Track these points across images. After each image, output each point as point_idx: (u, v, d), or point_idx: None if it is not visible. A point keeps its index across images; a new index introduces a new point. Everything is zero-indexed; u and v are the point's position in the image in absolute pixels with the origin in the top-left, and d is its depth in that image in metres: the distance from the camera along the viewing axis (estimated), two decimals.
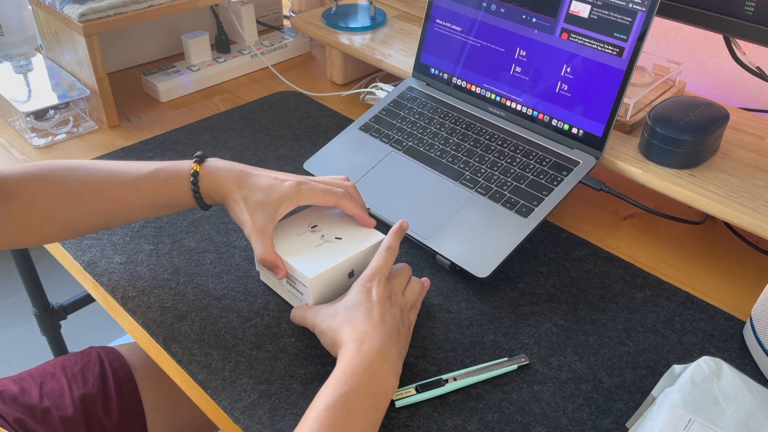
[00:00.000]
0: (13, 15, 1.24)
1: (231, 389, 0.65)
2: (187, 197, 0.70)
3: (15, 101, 0.99)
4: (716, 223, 0.87)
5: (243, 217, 0.68)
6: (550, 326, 0.72)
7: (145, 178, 0.70)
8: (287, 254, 0.69)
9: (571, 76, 0.82)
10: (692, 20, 0.83)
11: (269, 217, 0.68)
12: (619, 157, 0.83)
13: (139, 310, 0.73)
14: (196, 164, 0.70)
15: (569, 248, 0.82)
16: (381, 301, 0.64)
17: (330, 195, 0.70)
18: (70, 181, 0.69)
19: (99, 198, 0.70)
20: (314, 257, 0.68)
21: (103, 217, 0.71)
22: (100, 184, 0.70)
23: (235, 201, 0.68)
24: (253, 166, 0.72)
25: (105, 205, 0.70)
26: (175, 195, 0.70)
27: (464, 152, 0.87)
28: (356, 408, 0.56)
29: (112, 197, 0.70)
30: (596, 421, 0.62)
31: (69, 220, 0.70)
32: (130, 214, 0.72)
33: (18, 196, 0.68)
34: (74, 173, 0.70)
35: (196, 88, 1.15)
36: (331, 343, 0.63)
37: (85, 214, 0.70)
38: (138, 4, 1.00)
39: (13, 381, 0.86)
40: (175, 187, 0.70)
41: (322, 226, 0.73)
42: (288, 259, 0.68)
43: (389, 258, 0.68)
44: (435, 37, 0.95)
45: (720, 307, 0.75)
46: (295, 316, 0.68)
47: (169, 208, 0.72)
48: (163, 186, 0.70)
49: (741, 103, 1.03)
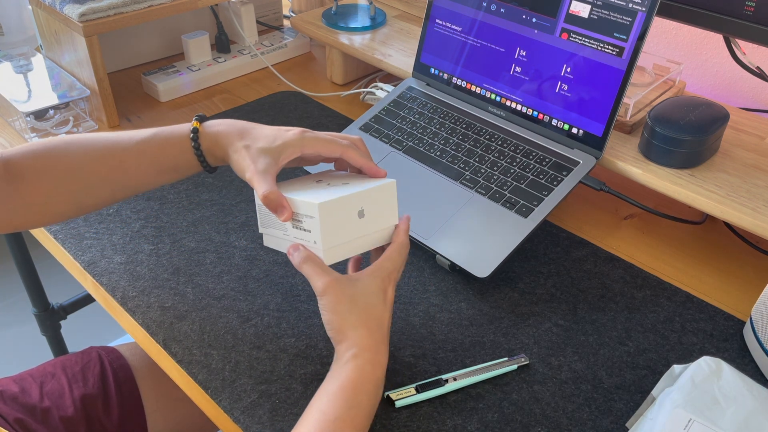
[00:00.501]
0: (13, 15, 1.24)
1: (231, 389, 0.65)
2: (190, 157, 0.68)
3: (15, 101, 0.99)
4: (716, 223, 0.87)
5: (244, 163, 0.64)
6: (550, 326, 0.72)
7: (145, 142, 0.68)
8: (292, 194, 0.64)
9: (571, 76, 0.82)
10: (692, 20, 0.83)
11: (272, 162, 0.64)
12: (619, 157, 0.83)
13: (139, 310, 0.73)
14: (196, 122, 0.68)
15: (569, 248, 0.82)
16: (391, 305, 0.63)
17: (335, 145, 0.66)
18: (72, 154, 0.68)
19: (101, 167, 0.68)
20: (321, 192, 0.64)
21: (108, 188, 0.70)
22: (102, 153, 0.68)
23: (236, 150, 0.65)
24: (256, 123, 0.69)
25: (108, 175, 0.68)
26: (177, 156, 0.68)
27: (464, 152, 0.87)
28: (361, 424, 0.57)
29: (115, 165, 0.68)
30: (596, 421, 0.62)
31: (74, 193, 0.69)
32: (135, 182, 0.70)
33: (23, 175, 0.67)
34: (75, 146, 0.69)
35: (196, 88, 1.15)
36: (338, 331, 0.60)
37: (89, 186, 0.69)
38: (138, 4, 0.99)
39: (13, 381, 0.86)
40: (177, 148, 0.68)
41: (328, 179, 0.69)
42: (293, 196, 0.63)
43: (406, 254, 0.66)
44: (435, 37, 0.95)
45: (720, 307, 0.75)
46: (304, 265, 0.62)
47: (173, 172, 0.70)
48: (165, 147, 0.68)
49: (741, 103, 1.03)
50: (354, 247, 0.65)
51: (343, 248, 0.64)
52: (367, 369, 0.58)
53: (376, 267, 0.63)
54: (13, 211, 0.68)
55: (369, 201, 0.64)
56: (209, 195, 0.89)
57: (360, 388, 0.57)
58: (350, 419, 0.56)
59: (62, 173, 0.68)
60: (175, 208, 0.87)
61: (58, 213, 0.71)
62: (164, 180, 0.71)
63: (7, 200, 0.67)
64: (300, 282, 0.76)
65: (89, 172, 0.68)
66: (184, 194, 0.89)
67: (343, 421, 0.55)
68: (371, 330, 0.60)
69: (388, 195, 0.66)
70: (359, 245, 0.65)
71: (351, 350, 0.59)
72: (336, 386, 0.57)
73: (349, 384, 0.57)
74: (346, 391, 0.57)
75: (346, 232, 0.63)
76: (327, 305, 0.60)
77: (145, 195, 0.89)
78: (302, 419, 0.56)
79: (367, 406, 0.57)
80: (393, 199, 0.66)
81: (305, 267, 0.61)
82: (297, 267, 0.62)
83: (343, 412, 0.55)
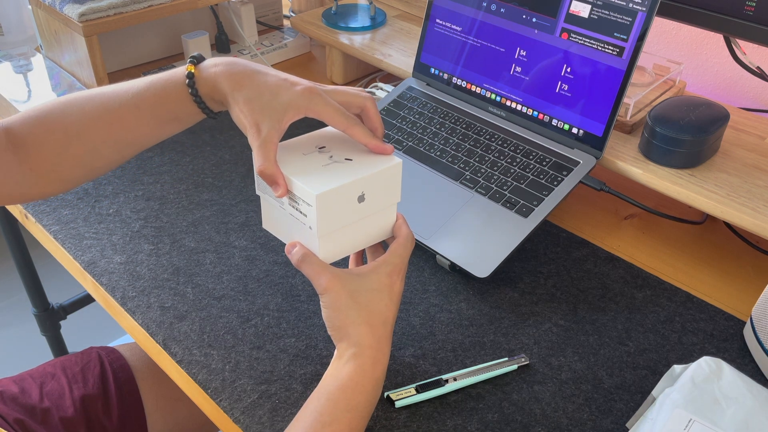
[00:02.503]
0: (13, 15, 1.24)
1: (231, 389, 0.65)
2: (189, 104, 0.64)
3: (15, 101, 0.99)
4: (716, 223, 0.87)
5: (246, 122, 0.61)
6: (550, 326, 0.72)
7: (142, 93, 0.64)
8: (290, 172, 0.60)
9: (571, 75, 0.82)
10: (692, 20, 0.83)
11: (275, 125, 0.59)
12: (619, 157, 0.83)
13: (138, 311, 0.73)
14: (191, 65, 0.63)
15: (569, 248, 0.82)
16: (398, 300, 0.61)
17: (340, 117, 0.62)
18: (69, 115, 0.65)
19: (102, 127, 0.65)
20: (321, 175, 0.60)
21: (113, 146, 0.67)
22: (99, 110, 0.65)
23: (237, 102, 0.61)
24: (259, 64, 0.64)
25: (110, 132, 0.66)
26: (176, 106, 0.64)
27: (464, 152, 0.87)
28: (357, 426, 0.56)
29: (115, 121, 0.65)
30: (596, 421, 0.62)
31: (79, 156, 0.67)
32: (139, 137, 0.67)
33: (25, 142, 0.65)
34: (72, 106, 0.66)
35: None
36: (339, 328, 0.59)
37: (93, 147, 0.67)
38: (138, 4, 0.99)
39: (13, 381, 0.86)
40: (174, 97, 0.64)
41: (331, 147, 0.64)
42: (291, 177, 0.60)
43: (412, 247, 0.64)
44: (435, 37, 0.95)
45: (720, 307, 0.75)
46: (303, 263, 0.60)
47: (175, 122, 0.66)
48: (162, 97, 0.64)
49: (741, 103, 1.03)
50: (351, 241, 0.63)
51: (340, 237, 0.62)
52: (367, 368, 0.57)
53: (382, 261, 0.61)
54: (23, 181, 0.67)
55: (371, 185, 0.62)
56: (209, 195, 0.89)
57: (359, 389, 0.57)
58: (347, 421, 0.55)
59: (64, 138, 0.65)
60: (175, 208, 0.87)
61: (70, 179, 0.69)
62: (169, 131, 0.68)
63: (15, 171, 0.66)
64: (300, 282, 0.76)
65: (90, 133, 0.65)
66: (184, 194, 0.89)
67: (339, 423, 0.55)
68: (374, 327, 0.58)
69: (392, 177, 0.63)
70: (357, 240, 0.63)
71: (351, 349, 0.58)
72: (335, 386, 0.56)
73: (349, 384, 0.56)
74: (345, 392, 0.56)
75: (343, 218, 0.61)
76: (328, 302, 0.59)
77: (145, 195, 0.89)
78: (297, 418, 0.56)
79: (365, 407, 0.57)
80: (397, 180, 0.63)
81: (304, 266, 0.60)
82: (296, 266, 0.60)
83: (340, 414, 0.55)
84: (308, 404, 0.57)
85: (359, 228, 0.63)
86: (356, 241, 0.63)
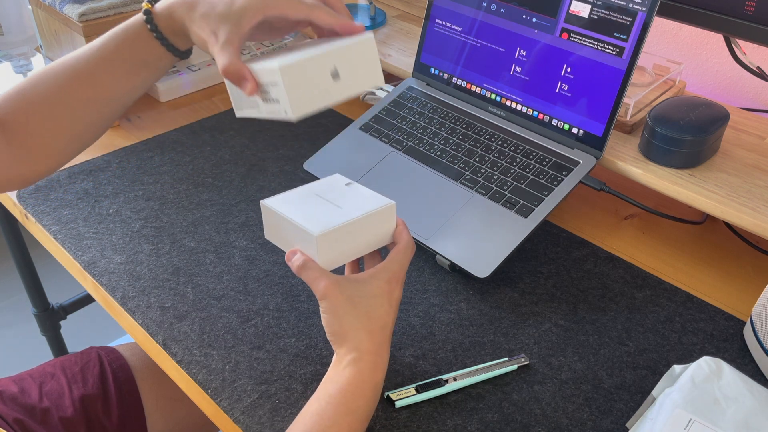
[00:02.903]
0: (13, 15, 1.24)
1: (231, 389, 0.65)
2: (153, 44, 0.64)
3: None
4: (716, 223, 0.87)
5: (204, 35, 0.60)
6: (550, 326, 0.72)
7: (106, 44, 0.65)
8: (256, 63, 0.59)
9: (571, 75, 0.82)
10: (692, 20, 0.83)
11: (233, 30, 0.59)
12: (619, 157, 0.83)
13: (139, 310, 0.73)
14: (147, 3, 0.64)
15: (569, 248, 0.82)
16: (396, 307, 0.61)
17: (301, 5, 0.60)
18: (45, 83, 0.66)
19: (77, 86, 0.66)
20: (287, 57, 0.58)
21: (92, 106, 0.67)
22: (70, 74, 0.66)
23: (193, 21, 0.61)
24: None
25: (86, 91, 0.66)
26: (140, 47, 0.65)
27: (464, 152, 0.87)
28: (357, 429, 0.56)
29: (87, 79, 0.66)
30: (596, 421, 0.62)
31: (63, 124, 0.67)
32: (113, 91, 0.67)
33: (9, 121, 0.66)
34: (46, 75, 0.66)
35: (196, 88, 1.15)
36: (338, 333, 0.59)
37: (74, 113, 0.67)
38: (138, 4, 0.99)
39: (12, 381, 0.86)
40: (135, 37, 0.64)
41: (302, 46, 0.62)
42: (255, 65, 0.58)
43: (412, 253, 0.63)
44: (435, 37, 0.95)
45: (720, 307, 0.75)
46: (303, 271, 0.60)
47: (144, 67, 0.66)
48: (125, 42, 0.65)
49: (741, 103, 1.03)
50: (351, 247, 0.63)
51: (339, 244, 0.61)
52: (366, 373, 0.58)
53: (381, 267, 0.61)
54: (15, 162, 0.67)
55: (342, 59, 0.59)
56: (209, 195, 0.89)
57: (359, 393, 0.57)
58: (347, 425, 0.55)
59: (45, 108, 0.66)
60: (175, 208, 0.87)
61: (61, 151, 0.69)
62: (140, 80, 0.68)
63: (4, 151, 0.66)
64: (300, 282, 0.76)
65: (67, 97, 0.66)
66: (184, 194, 0.89)
67: (339, 426, 0.55)
68: (373, 332, 0.59)
69: (365, 52, 0.60)
70: (357, 247, 0.63)
71: (351, 354, 0.58)
72: (335, 390, 0.56)
73: (349, 388, 0.56)
74: (345, 396, 0.56)
75: (319, 96, 0.58)
76: (327, 308, 0.59)
77: (145, 195, 0.89)
78: (297, 420, 0.56)
79: (365, 411, 0.57)
80: (373, 55, 0.61)
81: (304, 273, 0.60)
82: (296, 273, 0.60)
83: (340, 417, 0.55)
84: (308, 407, 0.57)
85: (359, 234, 0.62)
86: (356, 247, 0.63)
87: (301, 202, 0.64)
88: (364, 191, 0.65)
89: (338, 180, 0.68)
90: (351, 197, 0.64)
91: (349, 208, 0.62)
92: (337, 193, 0.65)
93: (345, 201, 0.64)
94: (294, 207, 0.62)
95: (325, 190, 0.66)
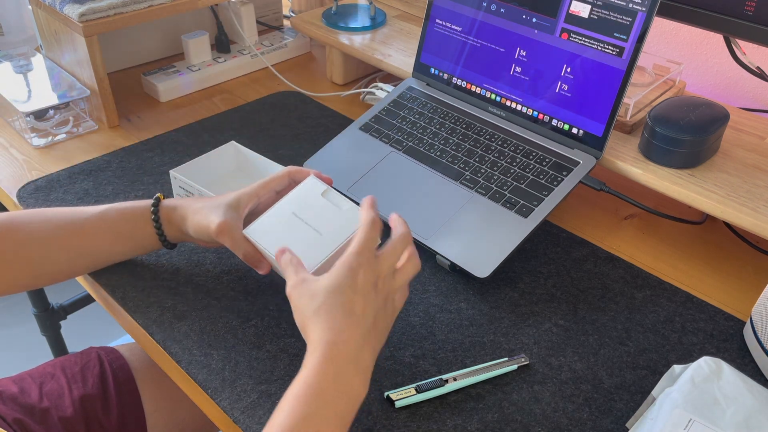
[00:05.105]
0: (13, 15, 1.24)
1: (231, 389, 0.65)
2: (147, 227, 0.72)
3: (15, 101, 0.99)
4: (716, 223, 0.87)
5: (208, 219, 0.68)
6: (550, 326, 0.72)
7: (107, 209, 0.73)
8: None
9: (571, 76, 0.82)
10: (692, 20, 0.83)
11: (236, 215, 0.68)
12: (619, 157, 0.83)
13: (139, 310, 0.73)
14: (161, 194, 0.74)
15: (569, 248, 0.82)
16: (365, 291, 0.57)
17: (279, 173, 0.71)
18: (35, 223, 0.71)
19: (62, 234, 0.71)
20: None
21: (66, 253, 0.72)
22: (64, 221, 0.72)
23: (196, 212, 0.70)
24: None
25: (68, 240, 0.72)
26: (135, 223, 0.72)
27: (464, 152, 0.87)
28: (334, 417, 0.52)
29: (75, 231, 0.72)
30: (596, 421, 0.62)
31: (31, 261, 0.71)
32: (92, 246, 0.73)
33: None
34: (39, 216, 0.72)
35: (196, 88, 1.15)
36: (301, 326, 0.57)
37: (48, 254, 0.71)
38: (138, 4, 0.99)
39: (12, 381, 0.86)
40: (135, 214, 0.73)
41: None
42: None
43: (373, 231, 0.59)
44: (435, 37, 0.95)
45: (720, 307, 0.75)
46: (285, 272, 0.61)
47: (130, 239, 0.74)
48: (125, 213, 0.73)
49: (741, 103, 1.03)
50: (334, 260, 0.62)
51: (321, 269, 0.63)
52: (320, 363, 0.53)
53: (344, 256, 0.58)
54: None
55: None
56: None
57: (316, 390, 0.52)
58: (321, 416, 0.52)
59: (23, 239, 0.70)
60: None
61: (17, 283, 0.73)
62: (121, 248, 0.75)
63: None
64: None
65: (49, 239, 0.71)
66: None
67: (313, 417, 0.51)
68: (334, 319, 0.55)
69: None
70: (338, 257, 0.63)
71: (311, 347, 0.55)
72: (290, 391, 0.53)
73: (304, 388, 0.53)
74: (298, 399, 0.52)
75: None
76: (293, 305, 0.58)
77: (145, 195, 0.89)
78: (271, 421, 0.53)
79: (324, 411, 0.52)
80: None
81: (285, 273, 0.61)
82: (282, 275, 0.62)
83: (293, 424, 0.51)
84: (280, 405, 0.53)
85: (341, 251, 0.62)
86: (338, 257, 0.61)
87: (281, 229, 0.66)
88: (340, 201, 0.67)
89: (314, 188, 0.68)
90: (329, 214, 0.66)
91: (329, 232, 0.65)
92: (315, 210, 0.66)
93: (323, 221, 0.65)
94: (275, 238, 0.65)
95: (302, 206, 0.67)
